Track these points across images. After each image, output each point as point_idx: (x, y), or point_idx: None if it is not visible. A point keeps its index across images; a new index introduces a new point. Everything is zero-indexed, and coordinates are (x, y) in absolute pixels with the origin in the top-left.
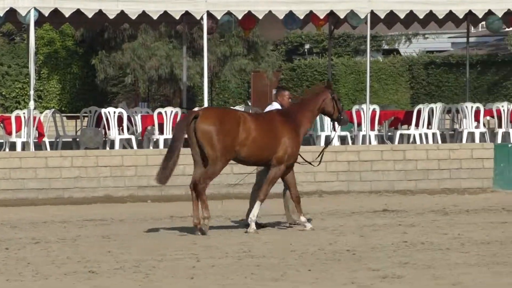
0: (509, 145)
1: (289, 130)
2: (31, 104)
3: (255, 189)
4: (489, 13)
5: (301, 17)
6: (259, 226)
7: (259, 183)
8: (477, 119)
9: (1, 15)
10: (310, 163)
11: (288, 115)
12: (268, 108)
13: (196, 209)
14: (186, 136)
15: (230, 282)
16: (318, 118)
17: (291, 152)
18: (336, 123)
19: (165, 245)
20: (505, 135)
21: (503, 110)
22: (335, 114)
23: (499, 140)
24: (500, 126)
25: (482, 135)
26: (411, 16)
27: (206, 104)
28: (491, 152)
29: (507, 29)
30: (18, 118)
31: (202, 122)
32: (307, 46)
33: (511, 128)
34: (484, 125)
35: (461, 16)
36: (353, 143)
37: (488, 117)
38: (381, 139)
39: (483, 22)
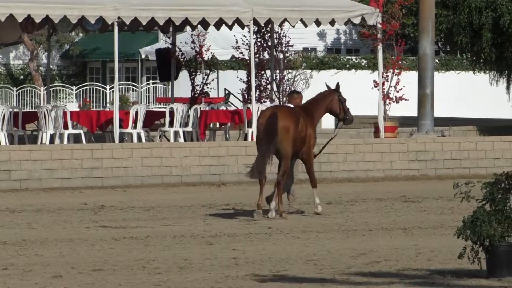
0: None
1: (310, 123)
2: None
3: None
4: None
5: None
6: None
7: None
8: None
9: None
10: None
11: (306, 110)
12: None
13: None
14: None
15: None
16: None
17: (314, 143)
18: (342, 122)
19: None
20: None
21: None
22: (341, 114)
23: None
24: None
25: None
26: None
27: None
28: None
29: None
30: None
31: (282, 119)
32: None
33: None
34: None
35: None
36: None
37: None
38: None
39: None
